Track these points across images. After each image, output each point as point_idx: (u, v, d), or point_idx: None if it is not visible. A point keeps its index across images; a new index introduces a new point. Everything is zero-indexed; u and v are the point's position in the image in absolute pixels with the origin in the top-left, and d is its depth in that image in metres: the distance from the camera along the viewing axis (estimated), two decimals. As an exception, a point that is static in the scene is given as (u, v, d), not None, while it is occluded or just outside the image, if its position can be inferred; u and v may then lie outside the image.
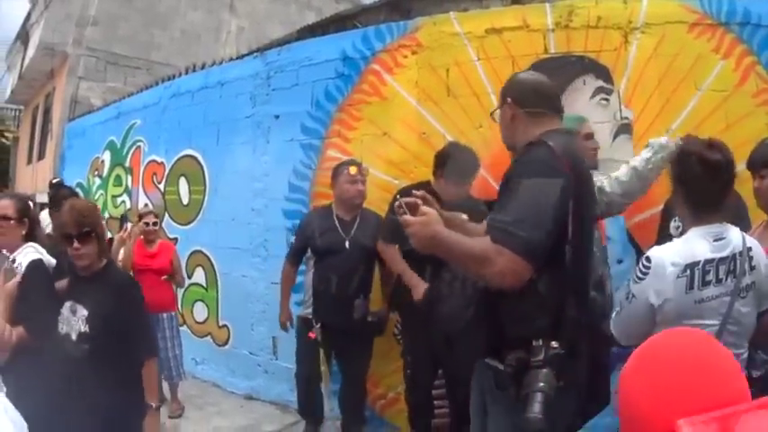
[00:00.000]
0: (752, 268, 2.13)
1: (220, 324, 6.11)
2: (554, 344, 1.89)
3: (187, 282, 6.14)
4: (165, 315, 5.24)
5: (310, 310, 4.33)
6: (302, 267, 4.56)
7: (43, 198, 11.06)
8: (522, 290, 1.90)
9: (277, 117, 5.56)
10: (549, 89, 2.34)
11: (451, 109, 4.59)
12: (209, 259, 6.26)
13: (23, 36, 16.68)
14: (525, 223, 1.87)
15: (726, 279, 2.08)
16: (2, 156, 21.51)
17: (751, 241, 2.20)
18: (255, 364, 5.66)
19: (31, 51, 15.07)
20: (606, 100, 4.29)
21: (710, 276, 2.08)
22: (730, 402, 0.79)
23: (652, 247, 2.33)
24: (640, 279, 2.12)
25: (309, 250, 4.42)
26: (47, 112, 15.05)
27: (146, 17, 14.23)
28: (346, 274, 4.18)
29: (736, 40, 4.14)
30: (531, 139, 2.11)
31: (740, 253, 2.11)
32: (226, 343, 6.04)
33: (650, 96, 4.21)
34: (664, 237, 3.09)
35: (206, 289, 6.28)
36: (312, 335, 4.24)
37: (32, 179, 15.18)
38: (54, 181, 7.80)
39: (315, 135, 5.23)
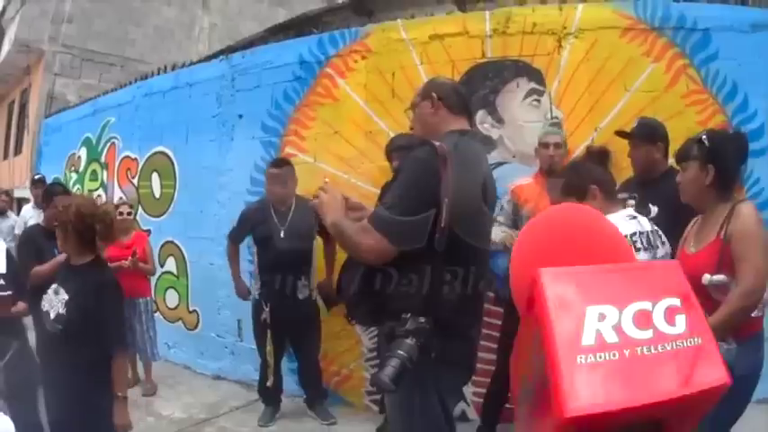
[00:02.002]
0: (662, 242, 2.81)
1: (190, 309, 6.52)
2: (422, 319, 2.08)
3: (160, 270, 6.57)
4: (141, 300, 5.70)
5: (258, 294, 4.80)
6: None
7: (22, 193, 11.31)
8: (401, 270, 2.17)
9: (240, 116, 5.95)
10: (464, 94, 2.65)
11: (396, 110, 4.92)
12: (179, 249, 6.66)
13: (-1, 32, 16.83)
14: (394, 209, 2.15)
15: (648, 249, 2.69)
16: (-21, 151, 21.58)
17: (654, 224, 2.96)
18: (222, 346, 6.07)
19: (6, 47, 15.24)
20: (538, 101, 4.67)
21: (639, 245, 2.66)
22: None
23: None
24: None
25: (252, 240, 4.90)
26: (23, 107, 15.29)
27: (120, 13, 14.45)
28: (286, 259, 4.59)
29: (668, 43, 4.47)
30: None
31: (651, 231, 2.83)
32: (195, 327, 6.45)
33: (580, 97, 4.56)
34: None
35: (177, 277, 6.68)
36: (263, 317, 4.71)
37: (9, 174, 15.39)
38: (36, 177, 8.09)
39: (274, 133, 5.62)
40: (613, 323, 0.47)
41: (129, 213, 5.83)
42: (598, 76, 4.53)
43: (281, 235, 4.65)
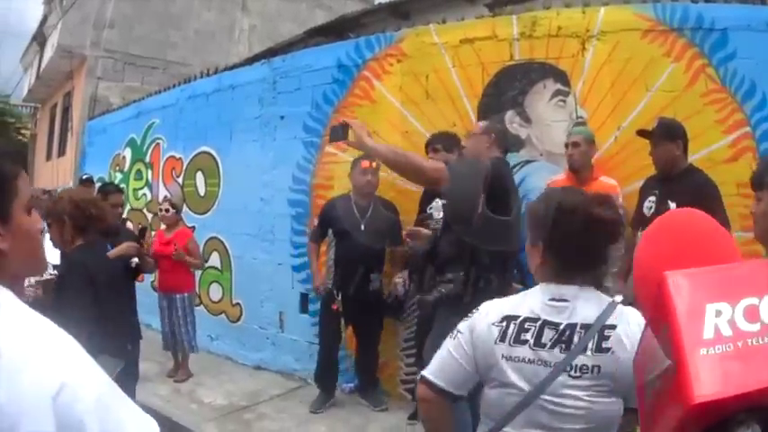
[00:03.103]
0: (600, 350, 1.73)
1: (233, 302, 6.95)
2: (461, 272, 3.44)
3: (204, 265, 6.99)
4: (178, 296, 6.09)
5: (331, 285, 5.16)
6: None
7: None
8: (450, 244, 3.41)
9: (282, 118, 6.36)
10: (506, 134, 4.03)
11: (430, 111, 5.32)
12: (223, 244, 7.09)
13: (40, 38, 17.39)
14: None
15: (552, 347, 1.77)
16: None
17: (623, 322, 1.76)
18: (264, 338, 6.47)
19: (48, 53, 15.78)
20: (563, 101, 4.90)
21: (528, 336, 1.80)
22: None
23: None
24: (469, 317, 1.94)
25: (331, 232, 5.25)
26: (66, 110, 15.83)
27: (160, 18, 14.96)
28: (362, 251, 4.99)
29: (687, 44, 4.56)
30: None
31: (582, 326, 1.76)
32: (238, 319, 6.87)
33: (604, 98, 4.75)
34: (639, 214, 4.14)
35: (221, 271, 7.11)
36: (335, 306, 5.08)
37: (53, 175, 15.95)
38: (84, 177, 8.64)
39: (315, 134, 6.01)
40: (728, 318, 0.52)
41: (167, 210, 6.24)
42: (620, 76, 4.71)
43: (362, 228, 5.03)
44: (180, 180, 7.92)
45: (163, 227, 6.35)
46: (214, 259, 7.19)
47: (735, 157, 4.38)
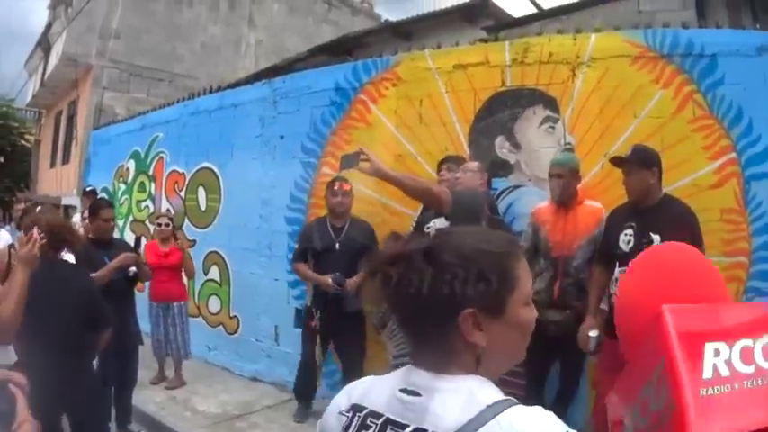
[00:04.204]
0: None
1: (231, 315, 7.22)
2: None
3: (203, 278, 7.34)
4: (175, 304, 6.42)
5: (310, 302, 5.43)
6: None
7: (69, 201, 12.17)
8: None
9: (282, 137, 6.65)
10: None
11: (423, 135, 5.56)
12: (222, 258, 7.37)
13: (44, 44, 17.76)
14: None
15: None
16: (23, 158, 22.71)
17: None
18: (260, 350, 6.74)
19: (53, 61, 16.13)
20: (552, 128, 5.06)
21: None
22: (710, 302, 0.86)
23: None
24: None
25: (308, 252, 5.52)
26: (71, 118, 16.16)
27: (167, 30, 15.33)
28: (338, 270, 5.22)
29: (676, 70, 4.65)
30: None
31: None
32: (235, 331, 7.15)
33: (592, 124, 4.88)
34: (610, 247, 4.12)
35: (220, 284, 7.40)
36: (313, 323, 5.34)
37: (56, 182, 16.36)
38: (87, 189, 8.93)
39: (312, 155, 6.29)
40: (726, 358, 0.51)
41: (167, 225, 6.54)
42: (609, 103, 4.82)
43: (337, 247, 5.31)
44: (182, 194, 8.22)
45: (158, 239, 6.60)
46: (213, 273, 7.47)
47: (720, 184, 4.47)
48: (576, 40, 5.04)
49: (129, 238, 7.13)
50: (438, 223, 4.50)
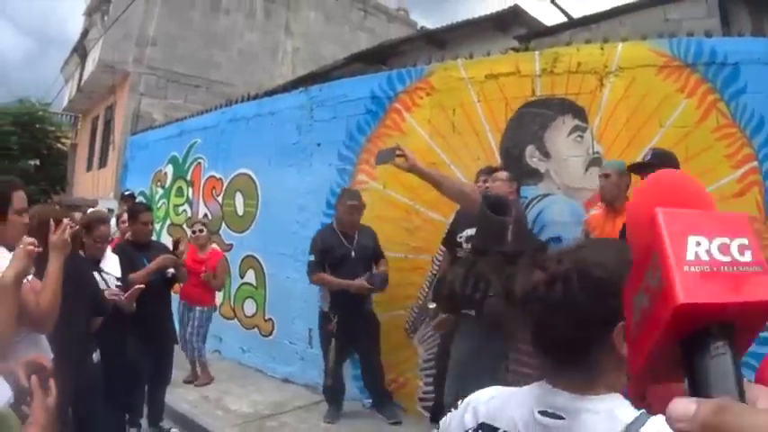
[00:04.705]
0: None
1: (266, 318, 7.54)
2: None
3: (239, 281, 7.70)
4: (198, 308, 6.80)
5: (327, 307, 5.71)
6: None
7: (106, 204, 12.60)
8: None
9: (318, 145, 6.96)
10: None
11: (456, 143, 5.79)
12: (259, 262, 7.70)
13: (81, 50, 18.29)
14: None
15: None
16: (59, 161, 23.32)
17: None
18: (294, 353, 7.03)
19: (90, 67, 16.63)
20: (581, 137, 5.23)
21: None
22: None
23: None
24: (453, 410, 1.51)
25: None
26: (108, 123, 16.65)
27: (204, 38, 15.81)
28: (354, 276, 5.56)
29: (701, 79, 4.77)
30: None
31: None
32: (270, 334, 7.46)
33: (619, 133, 5.02)
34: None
35: (256, 288, 7.72)
36: (331, 327, 5.63)
37: (93, 185, 16.89)
38: (126, 193, 9.35)
39: (348, 162, 6.58)
40: (705, 248, 0.61)
41: (201, 231, 6.92)
42: (635, 112, 4.97)
43: (353, 255, 5.62)
44: (220, 199, 8.58)
45: (196, 246, 6.97)
46: (250, 276, 7.80)
47: (742, 192, 4.56)
48: (604, 49, 5.20)
49: (167, 241, 7.48)
50: (470, 232, 4.72)
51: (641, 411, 1.18)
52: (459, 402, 1.47)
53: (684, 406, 0.52)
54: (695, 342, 0.56)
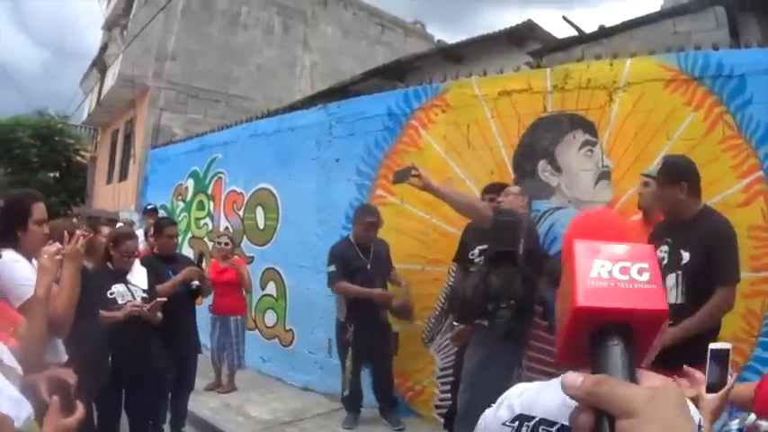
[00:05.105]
0: None
1: (287, 328, 7.85)
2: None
3: (260, 293, 8.01)
4: (232, 318, 7.14)
5: (344, 317, 5.97)
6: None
7: (127, 216, 12.94)
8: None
9: (337, 160, 7.26)
10: None
11: (471, 159, 6.03)
12: (279, 275, 8.02)
13: (100, 65, 18.70)
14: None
15: None
16: (79, 173, 23.86)
17: None
18: (313, 362, 7.31)
19: (109, 81, 16.97)
20: (591, 151, 5.40)
21: None
22: None
23: None
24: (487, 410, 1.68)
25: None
26: (128, 137, 17.01)
27: (222, 53, 16.20)
28: (370, 287, 5.85)
29: (707, 92, 4.86)
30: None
31: None
32: (290, 344, 7.76)
33: (628, 147, 5.17)
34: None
35: (276, 299, 8.05)
36: (347, 337, 5.90)
37: (113, 198, 17.24)
38: (149, 207, 9.68)
39: (366, 177, 6.87)
40: (608, 269, 0.72)
41: (226, 244, 7.27)
42: (643, 126, 5.11)
43: (368, 267, 5.91)
44: (240, 213, 8.92)
45: (218, 257, 7.33)
46: (270, 288, 8.12)
47: (747, 202, 4.64)
48: (613, 65, 5.37)
49: (188, 253, 7.79)
50: (481, 248, 4.98)
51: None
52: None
53: (574, 377, 0.66)
54: (597, 338, 0.70)
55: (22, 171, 22.16)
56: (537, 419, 1.45)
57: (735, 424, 2.36)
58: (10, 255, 3.08)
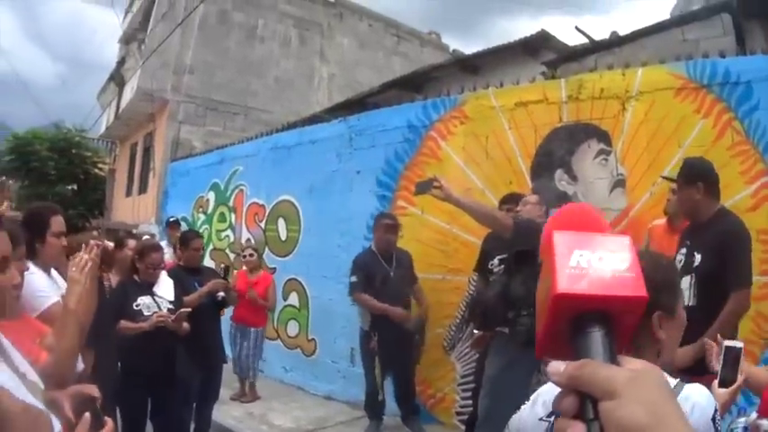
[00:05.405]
0: None
1: (309, 338, 8.06)
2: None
3: (282, 303, 8.21)
4: (252, 329, 7.35)
5: (368, 326, 6.13)
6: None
7: (147, 228, 13.21)
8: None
9: (358, 172, 7.48)
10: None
11: (489, 169, 6.21)
12: (301, 285, 8.25)
13: (118, 79, 19.01)
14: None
15: None
16: (98, 186, 24.15)
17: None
18: (336, 371, 7.49)
19: (128, 95, 17.28)
20: (606, 160, 5.55)
21: None
22: None
23: None
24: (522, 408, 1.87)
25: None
26: (147, 150, 17.32)
27: (240, 66, 16.50)
28: (395, 295, 6.02)
29: (716, 99, 4.97)
30: None
31: None
32: (312, 353, 7.96)
33: (641, 155, 5.32)
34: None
35: (298, 309, 8.27)
36: (372, 345, 6.06)
37: (133, 211, 17.53)
38: (171, 220, 9.86)
39: (387, 188, 7.08)
40: (588, 259, 0.73)
41: (251, 255, 7.50)
42: (656, 135, 5.26)
43: (392, 275, 6.07)
44: (262, 225, 9.16)
45: (245, 268, 7.56)
46: (293, 299, 8.34)
47: (755, 206, 4.73)
48: (625, 75, 5.52)
49: (210, 264, 8.00)
50: (501, 257, 5.18)
51: (678, 380, 1.64)
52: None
53: (558, 364, 0.68)
54: (578, 324, 0.72)
55: (39, 184, 22.42)
56: None
57: (741, 422, 2.44)
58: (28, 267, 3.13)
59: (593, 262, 0.75)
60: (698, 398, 1.65)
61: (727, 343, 2.28)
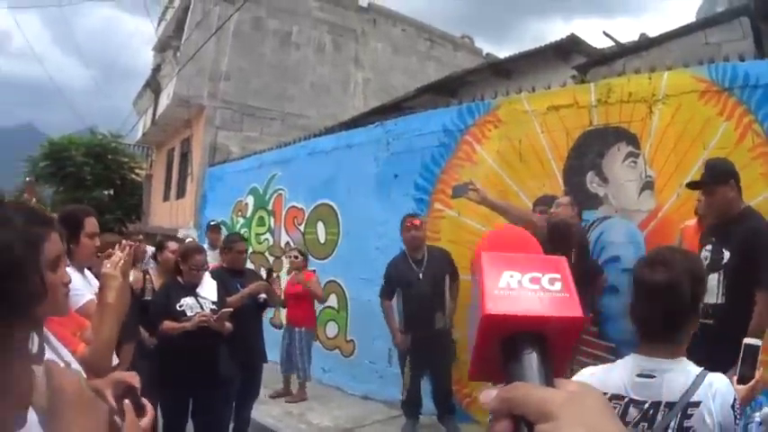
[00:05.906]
0: (681, 429, 1.91)
1: (348, 339, 8.37)
2: None
3: (322, 305, 8.46)
4: (297, 329, 7.66)
5: (402, 327, 6.38)
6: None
7: (186, 233, 13.60)
8: None
9: (396, 176, 7.78)
10: None
11: (523, 172, 6.45)
12: (341, 287, 8.56)
13: (154, 85, 19.53)
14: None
15: (636, 425, 1.94)
16: (134, 191, 24.72)
17: (708, 398, 1.92)
18: (373, 371, 7.78)
19: (164, 101, 17.73)
20: (635, 162, 5.72)
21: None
22: None
23: None
24: None
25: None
26: (184, 155, 17.76)
27: (276, 72, 16.92)
28: (423, 297, 6.17)
29: (737, 102, 5.10)
30: None
31: (666, 404, 1.94)
32: (351, 354, 8.28)
33: (668, 157, 5.48)
34: None
35: (337, 311, 8.59)
36: (403, 344, 6.32)
37: (171, 215, 18.00)
38: (212, 224, 10.17)
39: (424, 192, 7.36)
40: (517, 279, 0.72)
41: (296, 257, 7.87)
42: (682, 137, 5.41)
43: (420, 277, 6.25)
44: (301, 228, 9.53)
45: (293, 272, 7.92)
46: (332, 300, 8.64)
47: None
48: (651, 78, 5.70)
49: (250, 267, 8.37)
50: None
51: (702, 368, 1.96)
52: None
53: (489, 392, 0.66)
54: (511, 347, 0.69)
55: (75, 189, 22.90)
56: (609, 395, 1.86)
57: (757, 416, 2.54)
58: None
59: (525, 282, 0.74)
60: (719, 385, 1.93)
61: (747, 341, 2.37)
